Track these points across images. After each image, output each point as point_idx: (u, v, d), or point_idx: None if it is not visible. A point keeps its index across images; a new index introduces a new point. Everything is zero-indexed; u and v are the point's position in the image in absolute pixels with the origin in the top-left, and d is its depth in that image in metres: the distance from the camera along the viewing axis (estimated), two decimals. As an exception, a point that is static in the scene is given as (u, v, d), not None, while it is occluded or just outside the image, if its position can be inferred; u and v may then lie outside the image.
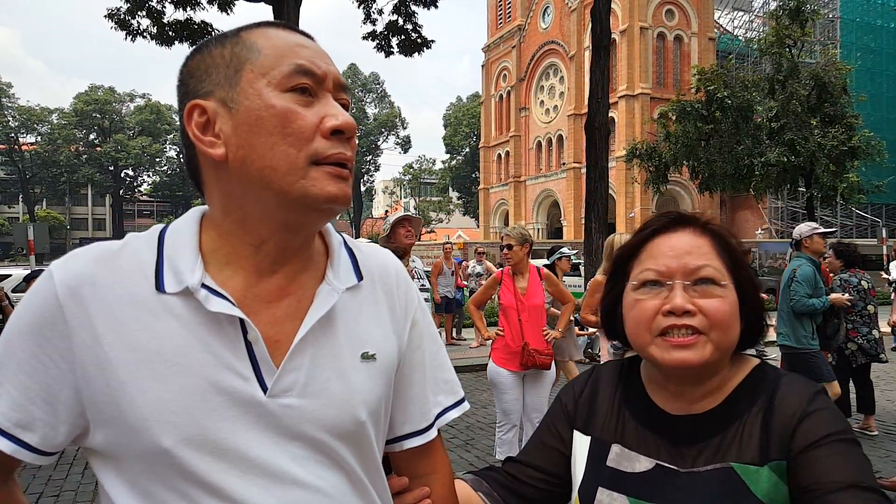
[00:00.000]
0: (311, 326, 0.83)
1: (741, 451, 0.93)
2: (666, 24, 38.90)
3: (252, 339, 0.79)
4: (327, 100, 0.81)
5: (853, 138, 18.84)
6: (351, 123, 0.81)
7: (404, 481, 0.98)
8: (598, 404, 1.09)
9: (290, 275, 0.85)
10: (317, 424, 0.82)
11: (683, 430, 0.99)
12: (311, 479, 0.81)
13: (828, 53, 21.48)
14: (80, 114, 58.97)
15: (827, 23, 35.94)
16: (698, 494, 0.92)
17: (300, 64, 0.80)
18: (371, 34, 14.13)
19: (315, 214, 0.82)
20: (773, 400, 0.95)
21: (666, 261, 0.96)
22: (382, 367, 0.90)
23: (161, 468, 0.76)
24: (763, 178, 19.48)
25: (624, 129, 37.22)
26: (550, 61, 45.62)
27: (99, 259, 0.80)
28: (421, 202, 63.55)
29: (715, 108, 19.59)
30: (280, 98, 0.78)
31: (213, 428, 0.77)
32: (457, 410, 1.03)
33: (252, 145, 0.78)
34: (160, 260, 0.81)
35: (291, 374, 0.81)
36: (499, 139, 51.41)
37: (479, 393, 7.71)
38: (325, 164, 0.79)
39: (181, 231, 0.85)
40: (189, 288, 0.78)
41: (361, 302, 0.91)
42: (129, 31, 13.03)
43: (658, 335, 0.95)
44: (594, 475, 1.03)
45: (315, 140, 0.78)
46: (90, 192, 64.35)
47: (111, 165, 60.38)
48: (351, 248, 0.95)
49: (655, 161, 21.48)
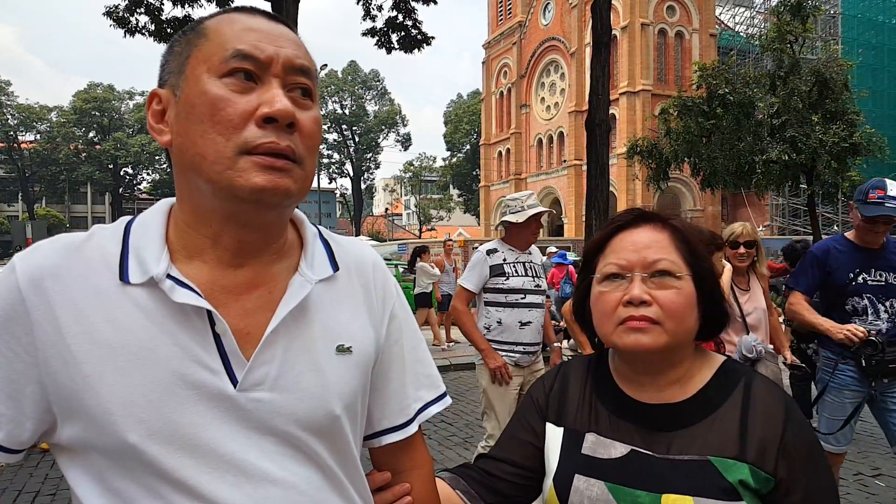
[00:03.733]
0: (282, 318, 0.80)
1: (719, 445, 0.98)
2: (667, 21, 38.81)
3: (220, 332, 0.77)
4: (269, 86, 0.77)
5: (855, 135, 18.77)
6: (286, 111, 0.75)
7: (386, 476, 0.96)
8: (569, 397, 1.14)
9: (258, 267, 0.83)
10: (289, 419, 0.79)
11: (657, 417, 1.03)
12: (284, 474, 0.79)
13: (829, 49, 21.36)
14: (80, 112, 58.96)
15: (828, 19, 35.86)
16: (674, 479, 0.97)
17: (239, 49, 0.76)
18: (371, 30, 14.07)
19: (250, 206, 0.77)
20: (748, 398, 1.01)
21: (626, 255, 1.03)
22: (359, 360, 0.88)
23: (128, 464, 0.74)
24: (765, 175, 19.42)
25: (625, 125, 37.15)
26: (551, 58, 45.55)
27: (62, 251, 0.78)
28: (422, 200, 63.54)
29: (716, 105, 19.53)
30: (214, 84, 0.76)
31: (181, 422, 0.74)
32: (438, 405, 1.01)
33: (186, 132, 0.77)
34: (125, 251, 0.79)
35: (262, 368, 0.79)
36: (500, 136, 51.37)
37: (477, 391, 7.67)
38: (255, 153, 0.75)
39: (148, 222, 0.83)
40: (154, 278, 0.76)
41: (337, 294, 0.89)
42: (127, 28, 12.98)
43: (619, 324, 1.01)
44: (570, 463, 1.06)
45: (246, 128, 0.75)
46: (90, 190, 64.36)
47: (111, 163, 60.40)
48: (326, 240, 0.93)
49: (656, 158, 21.43)
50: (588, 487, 1.02)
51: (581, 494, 1.02)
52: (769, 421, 0.98)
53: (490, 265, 3.72)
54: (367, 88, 63.67)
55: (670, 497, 0.95)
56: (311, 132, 0.80)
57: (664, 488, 0.96)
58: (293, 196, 0.78)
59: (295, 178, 0.77)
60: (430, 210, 62.56)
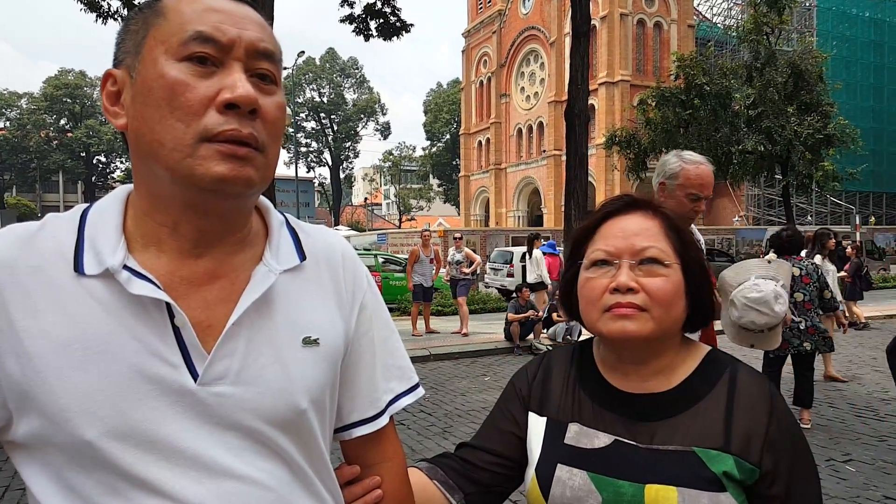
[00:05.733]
0: (245, 309, 0.77)
1: (703, 436, 0.97)
2: (646, 11, 38.98)
3: (179, 324, 0.74)
4: (231, 70, 0.73)
5: (829, 126, 19.08)
6: (247, 97, 0.72)
7: (355, 470, 0.94)
8: (552, 386, 1.13)
9: (220, 257, 0.80)
10: (253, 413, 0.77)
11: (640, 408, 1.02)
12: (249, 470, 0.76)
13: (805, 41, 21.67)
14: (51, 98, 57.65)
15: (804, 11, 36.28)
16: (658, 469, 0.96)
17: (199, 31, 0.73)
18: (349, 17, 13.90)
19: (210, 196, 0.74)
20: (733, 389, 1.01)
21: (615, 241, 1.02)
22: (326, 352, 0.85)
23: (86, 461, 0.71)
24: (741, 165, 19.66)
25: (604, 116, 37.33)
26: (531, 47, 45.54)
27: (15, 242, 0.75)
28: (401, 189, 63.30)
29: (694, 96, 19.70)
30: (173, 67, 0.72)
31: (139, 418, 0.72)
32: (410, 397, 0.98)
33: (143, 117, 0.74)
34: (80, 241, 0.76)
35: (224, 361, 0.76)
36: (479, 126, 51.34)
37: (457, 381, 7.69)
38: (216, 141, 0.72)
39: (104, 210, 0.79)
40: (110, 269, 0.73)
41: (304, 284, 0.86)
42: (99, 13, 12.69)
43: (605, 311, 0.99)
44: (552, 453, 1.05)
45: (206, 115, 0.72)
46: (61, 178, 63.08)
47: (83, 152, 59.23)
48: (294, 228, 0.90)
49: (635, 148, 21.57)
50: (570, 477, 1.01)
51: (563, 484, 1.01)
52: (754, 412, 0.98)
53: None
54: (346, 76, 63.09)
55: (653, 487, 0.95)
56: (275, 118, 0.77)
57: (647, 478, 0.96)
58: (255, 185, 0.76)
59: (257, 167, 0.75)
60: (410, 200, 62.31)
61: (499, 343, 9.83)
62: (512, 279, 16.23)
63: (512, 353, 9.47)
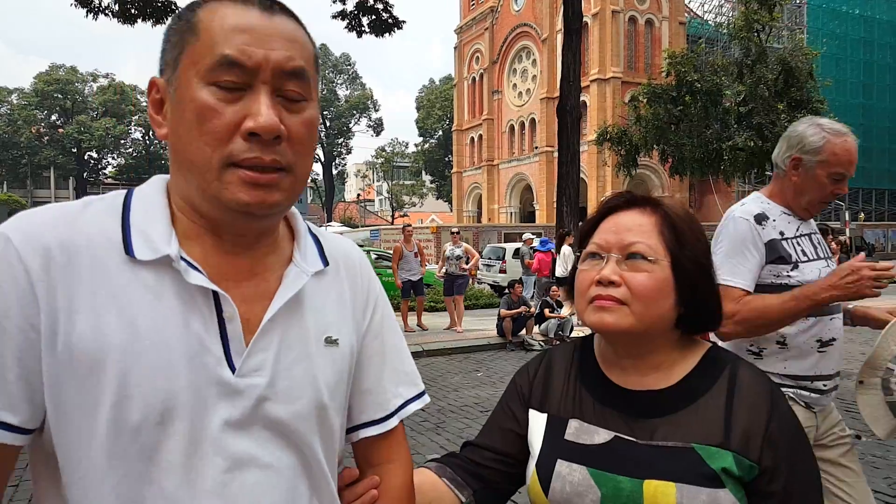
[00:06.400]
0: (280, 307, 0.81)
1: (703, 433, 0.98)
2: (637, 8, 39.01)
3: (227, 317, 0.78)
4: (256, 95, 0.74)
5: (819, 123, 19.15)
6: (269, 126, 0.73)
7: (354, 473, 0.97)
8: (553, 383, 1.15)
9: (256, 256, 0.84)
10: (281, 406, 0.81)
11: (640, 404, 1.04)
12: (271, 460, 0.80)
13: (795, 38, 21.76)
14: (41, 94, 57.17)
15: (794, 8, 36.41)
16: (657, 465, 0.97)
17: (226, 55, 0.74)
18: (341, 13, 13.86)
19: (238, 216, 0.77)
20: (733, 386, 1.02)
21: (606, 236, 1.05)
22: (343, 352, 0.90)
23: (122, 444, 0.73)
24: (731, 162, 19.76)
25: (595, 112, 37.37)
26: (523, 44, 45.51)
27: (60, 221, 0.76)
28: (394, 186, 63.22)
29: (685, 92, 19.78)
30: (203, 91, 0.74)
31: (180, 405, 0.74)
32: (418, 403, 1.01)
33: (178, 135, 0.76)
34: (126, 226, 0.78)
35: (259, 355, 0.80)
36: (472, 122, 51.27)
37: (450, 376, 7.73)
38: (240, 167, 0.74)
39: (149, 199, 0.82)
40: (170, 257, 0.76)
41: (326, 287, 0.91)
42: (90, 8, 12.60)
43: (589, 302, 1.03)
44: (552, 449, 1.07)
45: (233, 140, 0.74)
46: (53, 174, 62.57)
47: (74, 147, 58.78)
48: (315, 235, 0.95)
49: (626, 145, 21.64)
50: (570, 473, 1.02)
51: (563, 480, 1.02)
52: (754, 409, 0.99)
53: (765, 241, 2.09)
54: (339, 72, 62.91)
55: (652, 483, 0.96)
56: (302, 137, 0.78)
57: (647, 474, 0.97)
58: (283, 206, 0.79)
59: (284, 189, 0.77)
60: (403, 196, 62.25)
61: (491, 339, 9.86)
62: (504, 275, 16.25)
63: (504, 349, 9.51)
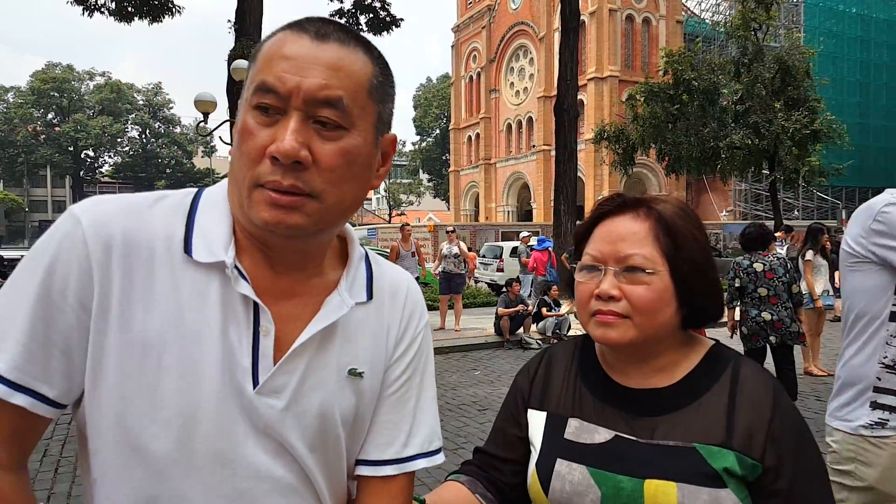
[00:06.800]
0: (312, 334, 0.82)
1: (704, 432, 0.97)
2: (634, 7, 39.04)
3: (263, 331, 0.79)
4: (287, 120, 0.75)
5: (816, 121, 19.22)
6: (286, 151, 0.73)
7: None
8: (553, 381, 1.14)
9: (300, 277, 0.85)
10: (291, 430, 0.81)
11: (641, 403, 1.03)
12: (280, 474, 0.81)
13: (792, 37, 21.80)
14: (38, 92, 57.10)
15: (791, 7, 36.46)
16: (657, 464, 0.96)
17: (264, 81, 0.76)
18: (339, 11, 13.87)
19: (268, 235, 0.79)
20: (735, 384, 1.00)
21: (601, 246, 1.03)
22: (367, 385, 0.89)
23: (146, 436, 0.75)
24: (728, 160, 19.78)
25: (593, 111, 37.40)
26: (520, 42, 45.50)
27: (129, 213, 0.79)
28: (391, 184, 63.17)
29: (682, 91, 19.79)
30: (248, 114, 0.77)
31: (202, 412, 0.76)
32: (427, 461, 0.94)
33: (233, 153, 0.80)
34: (190, 225, 0.80)
35: (284, 377, 0.80)
36: (469, 121, 51.27)
37: (448, 375, 7.73)
38: (265, 188, 0.76)
39: (216, 202, 0.84)
40: (225, 263, 0.78)
41: (365, 318, 0.90)
42: (86, 6, 12.58)
43: (591, 316, 1.02)
44: (552, 448, 1.06)
45: (262, 162, 0.75)
46: (49, 173, 62.43)
47: (71, 146, 58.65)
48: (370, 264, 0.94)
49: (623, 143, 21.65)
50: (570, 472, 1.01)
51: (563, 479, 1.01)
52: (756, 407, 0.97)
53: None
54: (336, 71, 62.66)
55: (653, 482, 0.95)
56: (332, 166, 0.77)
57: (647, 474, 0.96)
58: (307, 230, 0.78)
59: (308, 213, 0.77)
60: (400, 195, 62.24)
61: (489, 337, 9.87)
62: (502, 274, 16.25)
63: (502, 348, 9.52)
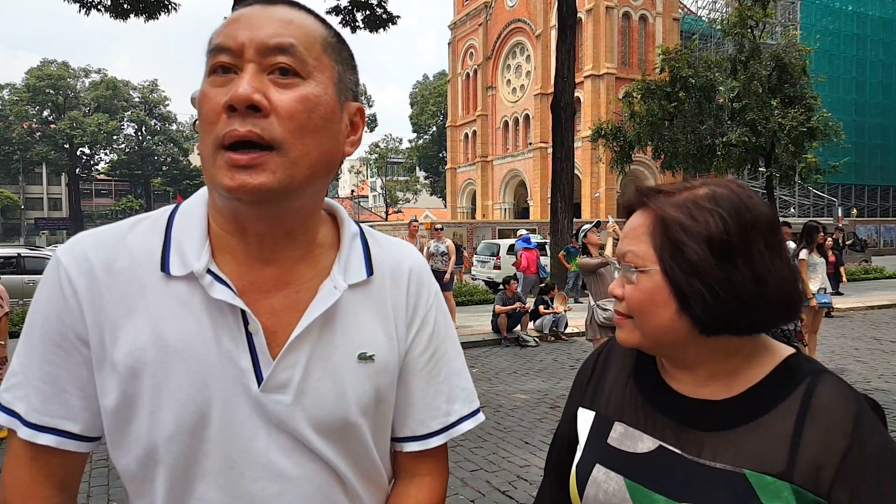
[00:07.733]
0: (308, 324, 0.81)
1: (759, 458, 0.84)
2: (631, 4, 39.04)
3: (252, 331, 0.79)
4: (243, 74, 0.73)
5: (812, 119, 19.23)
6: (239, 96, 0.70)
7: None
8: (608, 379, 1.07)
9: (287, 264, 0.83)
10: (305, 422, 0.81)
11: (692, 413, 0.92)
12: (299, 472, 0.81)
13: (788, 35, 21.82)
14: (33, 89, 56.85)
15: (788, 4, 36.50)
16: (699, 488, 0.86)
17: (216, 43, 0.76)
18: (335, 8, 13.83)
19: (238, 203, 0.76)
20: (807, 405, 0.85)
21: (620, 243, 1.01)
22: (380, 368, 0.87)
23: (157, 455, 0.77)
24: (725, 157, 19.79)
25: (590, 109, 37.40)
26: (517, 40, 45.46)
27: (107, 242, 0.81)
28: (388, 182, 63.11)
29: (679, 88, 19.79)
30: (205, 83, 0.76)
31: (211, 417, 0.77)
32: (472, 421, 0.98)
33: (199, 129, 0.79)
34: (167, 242, 0.80)
35: (286, 371, 0.80)
36: (466, 118, 51.24)
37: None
38: (225, 149, 0.73)
39: (190, 212, 0.84)
40: (195, 273, 0.78)
41: (367, 299, 0.88)
42: (82, 3, 12.53)
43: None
44: (593, 451, 1.00)
45: (219, 121, 0.73)
46: (45, 170, 62.25)
47: (66, 143, 58.43)
48: (367, 240, 0.92)
49: (620, 141, 21.65)
50: (606, 481, 0.95)
51: (598, 487, 0.95)
52: (829, 433, 0.82)
53: None
54: (332, 68, 62.51)
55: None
56: (292, 112, 0.73)
57: (685, 497, 0.86)
58: (274, 190, 0.73)
59: (272, 169, 0.72)
60: (397, 192, 62.15)
61: (486, 335, 9.88)
62: (499, 271, 16.27)
63: (499, 345, 9.52)
